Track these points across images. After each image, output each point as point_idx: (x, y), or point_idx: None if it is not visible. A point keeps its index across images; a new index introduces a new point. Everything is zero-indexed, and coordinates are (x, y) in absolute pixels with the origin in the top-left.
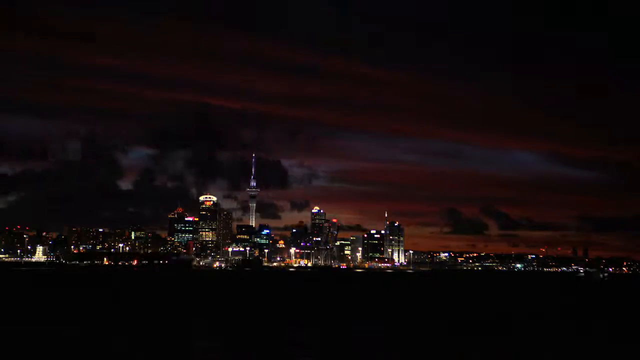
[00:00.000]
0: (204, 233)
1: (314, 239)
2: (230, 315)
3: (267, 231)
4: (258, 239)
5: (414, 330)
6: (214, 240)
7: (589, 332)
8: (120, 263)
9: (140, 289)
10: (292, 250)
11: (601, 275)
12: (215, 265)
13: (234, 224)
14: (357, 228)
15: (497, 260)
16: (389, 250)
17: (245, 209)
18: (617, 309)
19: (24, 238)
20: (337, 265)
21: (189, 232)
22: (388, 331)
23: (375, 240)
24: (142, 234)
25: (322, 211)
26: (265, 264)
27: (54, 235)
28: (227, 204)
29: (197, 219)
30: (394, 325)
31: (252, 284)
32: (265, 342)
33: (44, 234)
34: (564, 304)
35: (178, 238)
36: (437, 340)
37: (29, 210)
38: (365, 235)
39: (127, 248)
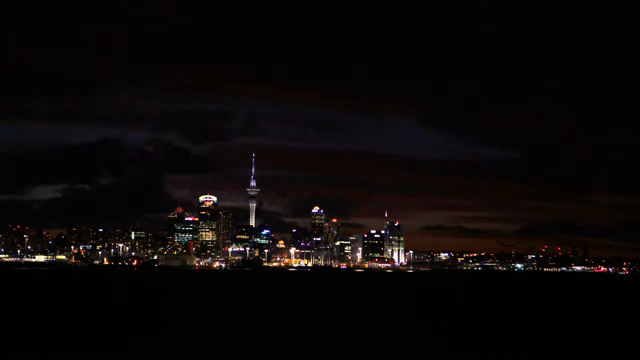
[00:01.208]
0: (204, 233)
1: (314, 239)
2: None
3: (267, 231)
4: (258, 239)
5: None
6: (214, 240)
7: None
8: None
9: None
10: (292, 250)
11: None
12: (215, 266)
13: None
14: None
15: (497, 260)
16: (389, 250)
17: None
18: None
19: (24, 238)
20: (336, 265)
21: (189, 232)
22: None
23: (375, 240)
24: (142, 234)
25: (322, 211)
26: (265, 264)
27: (54, 235)
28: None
29: (197, 219)
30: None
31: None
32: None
33: (44, 233)
34: None
35: (178, 238)
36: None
37: (29, 210)
38: (366, 235)
39: (127, 248)
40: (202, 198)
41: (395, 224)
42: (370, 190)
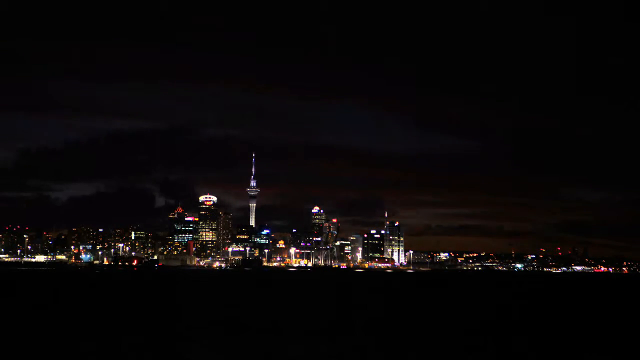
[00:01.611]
0: (204, 233)
1: (314, 239)
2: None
3: (267, 231)
4: (258, 239)
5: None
6: (214, 240)
7: None
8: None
9: None
10: (292, 250)
11: None
12: (215, 266)
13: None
14: None
15: (497, 260)
16: (389, 250)
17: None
18: None
19: (24, 238)
20: (336, 265)
21: (189, 232)
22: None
23: (375, 240)
24: (142, 234)
25: (322, 211)
26: (265, 264)
27: (55, 235)
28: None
29: (197, 219)
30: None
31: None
32: None
33: (44, 233)
34: None
35: (178, 238)
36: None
37: (29, 210)
38: (366, 235)
39: (127, 248)
40: (202, 198)
41: (395, 224)
42: (369, 189)
